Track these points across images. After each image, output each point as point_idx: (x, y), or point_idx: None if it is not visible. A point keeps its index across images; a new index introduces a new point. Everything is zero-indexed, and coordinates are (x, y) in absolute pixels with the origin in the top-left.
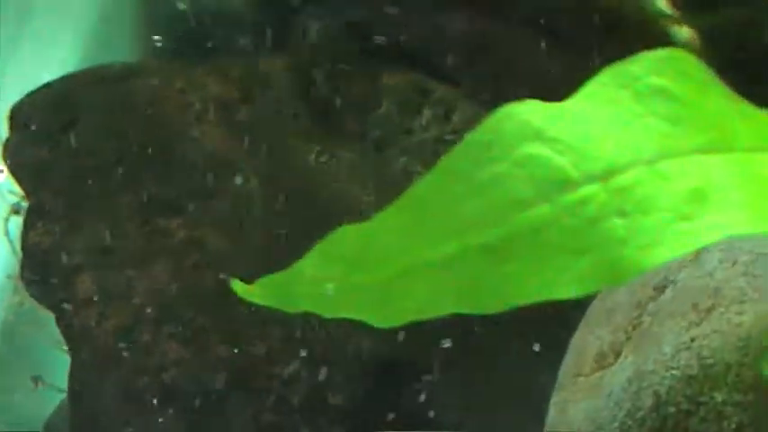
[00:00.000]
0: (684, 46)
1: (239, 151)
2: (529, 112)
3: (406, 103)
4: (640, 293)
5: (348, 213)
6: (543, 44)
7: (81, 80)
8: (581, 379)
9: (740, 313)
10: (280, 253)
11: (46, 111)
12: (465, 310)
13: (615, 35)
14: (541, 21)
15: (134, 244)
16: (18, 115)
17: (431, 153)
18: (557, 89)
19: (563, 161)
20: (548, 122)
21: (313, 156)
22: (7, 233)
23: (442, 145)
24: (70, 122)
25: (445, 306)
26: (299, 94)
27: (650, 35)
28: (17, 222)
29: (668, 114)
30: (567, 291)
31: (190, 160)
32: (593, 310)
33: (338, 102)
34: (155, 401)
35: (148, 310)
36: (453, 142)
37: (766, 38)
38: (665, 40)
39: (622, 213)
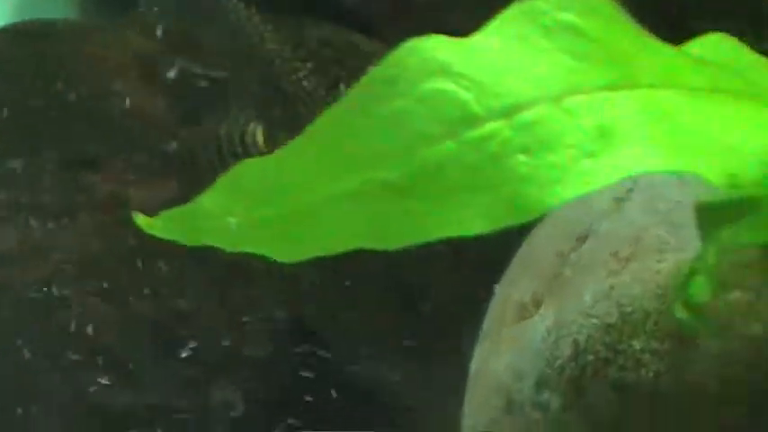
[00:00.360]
0: None
1: (162, 107)
2: (434, 47)
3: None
4: (562, 244)
5: None
6: None
7: (3, 35)
8: (503, 331)
9: (660, 261)
10: None
11: None
12: (368, 246)
13: None
14: None
15: (56, 199)
16: None
17: None
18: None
19: (468, 97)
20: (453, 57)
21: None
22: None
23: None
24: None
25: (348, 242)
26: (222, 50)
27: None
28: None
29: (575, 50)
30: (470, 227)
31: (112, 115)
32: (516, 262)
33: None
34: (76, 356)
35: (69, 266)
36: None
37: None
38: None
39: (526, 150)
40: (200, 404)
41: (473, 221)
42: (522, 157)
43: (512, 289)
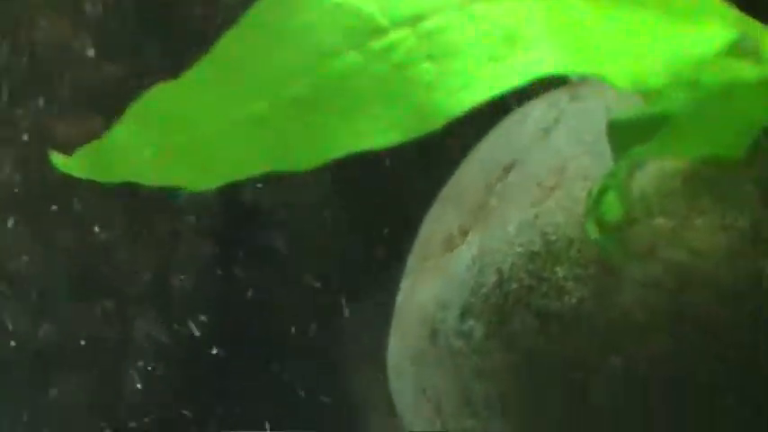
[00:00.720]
0: None
1: (87, 40)
2: None
3: None
4: (488, 175)
5: None
6: None
7: None
8: (429, 263)
9: (584, 190)
10: None
11: None
12: (279, 168)
13: None
14: None
15: None
16: None
17: None
18: None
19: (371, 7)
20: None
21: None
22: None
23: None
24: None
25: (259, 164)
26: None
27: None
28: None
29: None
30: (379, 140)
31: (37, 49)
32: (442, 196)
33: None
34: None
35: None
36: None
37: None
38: None
39: (432, 58)
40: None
41: (383, 133)
42: (427, 66)
43: (438, 222)
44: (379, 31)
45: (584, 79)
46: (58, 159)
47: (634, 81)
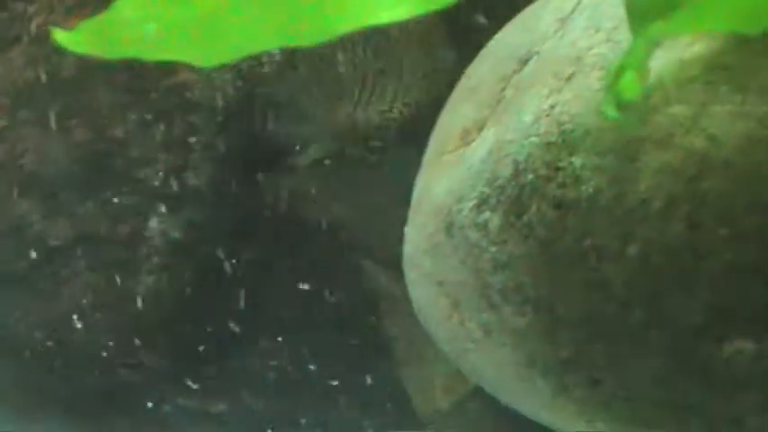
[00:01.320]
0: None
1: None
2: None
3: None
4: (504, 67)
5: None
6: None
7: None
8: (445, 157)
9: (601, 79)
10: None
11: None
12: (289, 43)
13: None
14: None
15: None
16: None
17: None
18: None
19: None
20: None
21: None
22: None
23: None
24: None
25: (268, 40)
26: None
27: None
28: None
29: None
30: (389, 14)
31: None
32: (458, 89)
33: None
34: (13, 189)
35: (4, 98)
36: None
37: None
38: None
39: None
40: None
41: (392, 7)
42: None
43: (454, 115)
44: None
45: None
46: (59, 35)
47: None
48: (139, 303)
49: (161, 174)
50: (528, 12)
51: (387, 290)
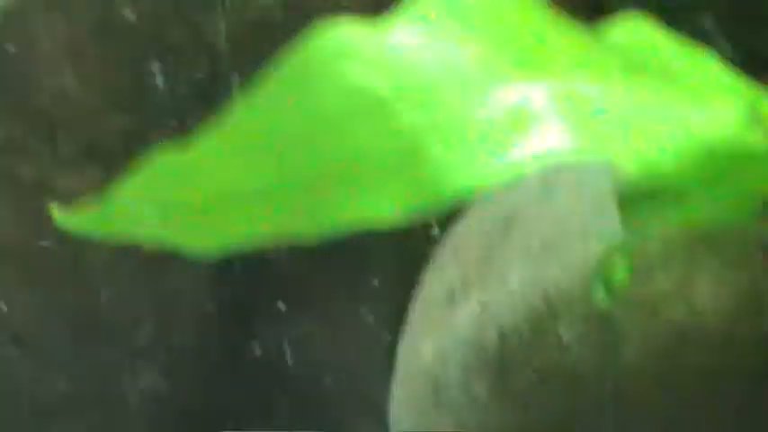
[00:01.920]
0: None
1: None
2: (347, 31)
3: None
4: (489, 229)
5: None
6: None
7: None
8: (431, 316)
9: (585, 248)
10: None
11: None
12: (284, 240)
13: None
14: None
15: None
16: None
17: None
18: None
19: (383, 85)
20: (365, 41)
21: None
22: None
23: None
24: None
25: (264, 236)
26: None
27: None
28: None
29: (489, 35)
30: (384, 215)
31: (38, 101)
32: (443, 248)
33: None
34: None
35: None
36: None
37: None
38: None
39: (442, 139)
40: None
41: (388, 209)
42: (437, 146)
43: (440, 274)
44: (388, 106)
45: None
46: (57, 214)
47: (644, 164)
48: None
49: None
50: None
51: None
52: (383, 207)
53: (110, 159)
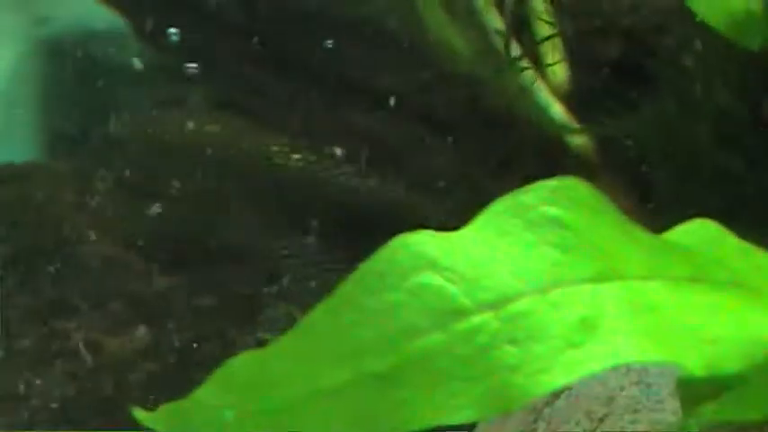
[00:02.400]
0: (578, 153)
1: (136, 254)
2: (422, 241)
3: None
4: (536, 399)
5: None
6: (430, 139)
7: None
8: None
9: (634, 422)
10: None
11: None
12: None
13: (505, 135)
14: (429, 117)
15: (31, 345)
16: None
17: None
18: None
19: (456, 290)
20: (441, 252)
21: None
22: None
23: None
24: None
25: None
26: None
27: (542, 139)
28: None
29: (560, 243)
30: (459, 417)
31: (85, 262)
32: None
33: None
34: None
35: (45, 413)
36: None
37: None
38: (557, 145)
39: (514, 341)
40: None
41: (463, 411)
42: (509, 348)
43: None
44: (462, 312)
45: None
46: (139, 413)
47: (710, 367)
48: None
49: None
50: None
51: None
52: (456, 407)
53: (157, 321)
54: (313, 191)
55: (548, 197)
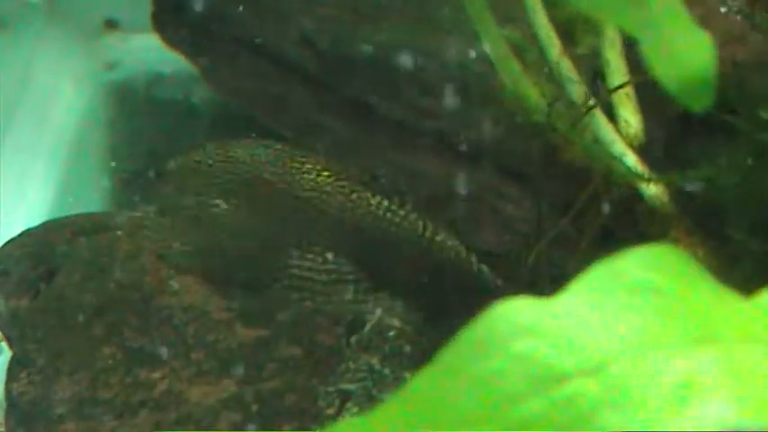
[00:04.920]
0: (652, 203)
1: (220, 303)
2: (521, 309)
3: None
4: None
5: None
6: (509, 191)
7: (60, 230)
8: None
9: None
10: (260, 405)
11: (26, 260)
12: None
13: (580, 185)
14: (508, 168)
15: (116, 395)
16: None
17: None
18: (523, 236)
19: (556, 356)
20: (540, 318)
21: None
22: None
23: None
24: (49, 273)
25: None
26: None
27: (618, 191)
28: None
29: (657, 308)
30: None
31: (168, 312)
32: None
33: None
34: None
35: None
36: None
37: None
38: (633, 197)
39: (614, 406)
40: None
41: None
42: (609, 414)
43: None
44: (562, 378)
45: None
46: None
47: None
48: None
49: None
50: None
51: None
52: None
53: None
54: (392, 245)
55: (643, 263)
